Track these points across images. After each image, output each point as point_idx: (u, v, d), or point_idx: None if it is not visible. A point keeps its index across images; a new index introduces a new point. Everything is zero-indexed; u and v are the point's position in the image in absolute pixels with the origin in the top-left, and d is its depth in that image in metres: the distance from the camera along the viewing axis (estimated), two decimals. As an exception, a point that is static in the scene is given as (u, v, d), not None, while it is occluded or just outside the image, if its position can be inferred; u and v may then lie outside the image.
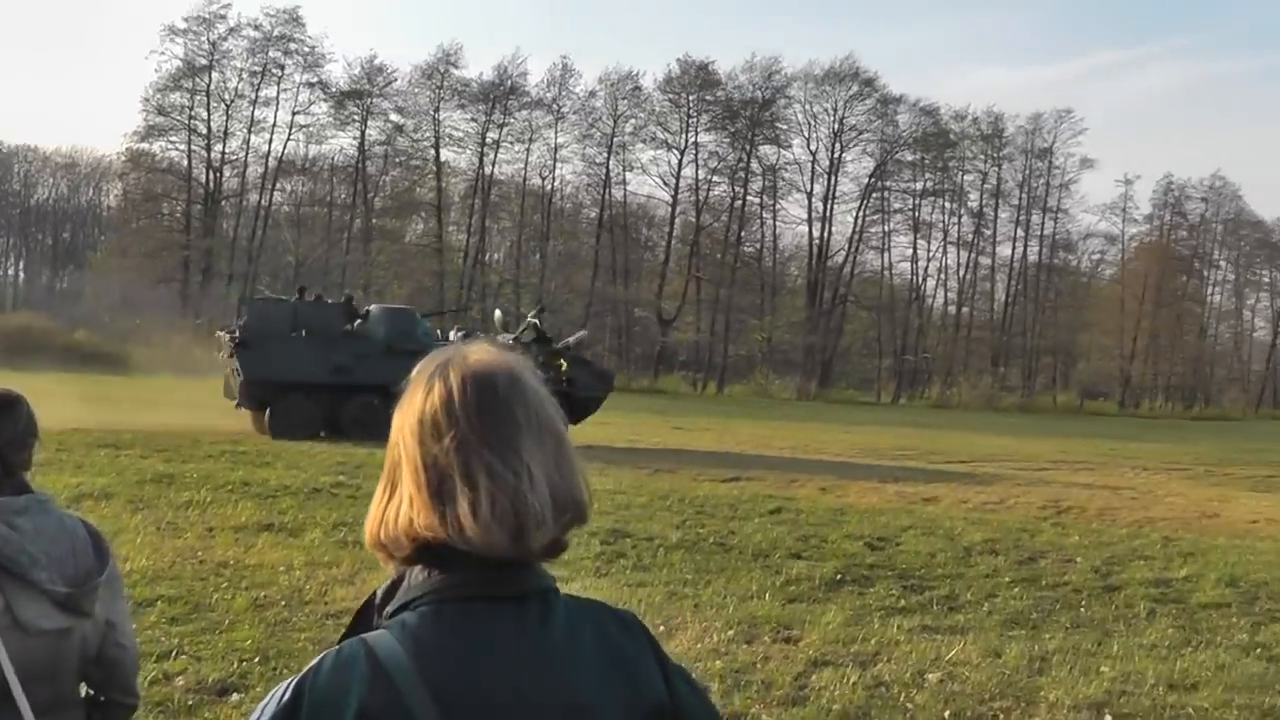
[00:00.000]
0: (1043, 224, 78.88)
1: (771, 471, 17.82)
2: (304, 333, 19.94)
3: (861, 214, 71.21)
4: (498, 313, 26.11)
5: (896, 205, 73.61)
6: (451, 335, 21.71)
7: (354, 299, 23.21)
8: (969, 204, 76.64)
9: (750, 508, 13.22)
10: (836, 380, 68.89)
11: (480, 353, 1.45)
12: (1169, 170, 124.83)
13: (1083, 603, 8.96)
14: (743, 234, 69.30)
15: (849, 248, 70.97)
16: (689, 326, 65.32)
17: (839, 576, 9.45)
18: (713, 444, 23.88)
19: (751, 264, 69.62)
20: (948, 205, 75.65)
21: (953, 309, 77.44)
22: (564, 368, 21.08)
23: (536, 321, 22.64)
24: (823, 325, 67.51)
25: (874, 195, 71.96)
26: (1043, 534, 12.46)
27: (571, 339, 23.38)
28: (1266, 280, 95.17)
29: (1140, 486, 20.60)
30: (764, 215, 70.28)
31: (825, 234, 70.17)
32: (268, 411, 19.37)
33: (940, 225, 75.65)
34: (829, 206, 70.17)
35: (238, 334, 19.66)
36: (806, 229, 70.51)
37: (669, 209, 67.77)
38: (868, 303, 72.34)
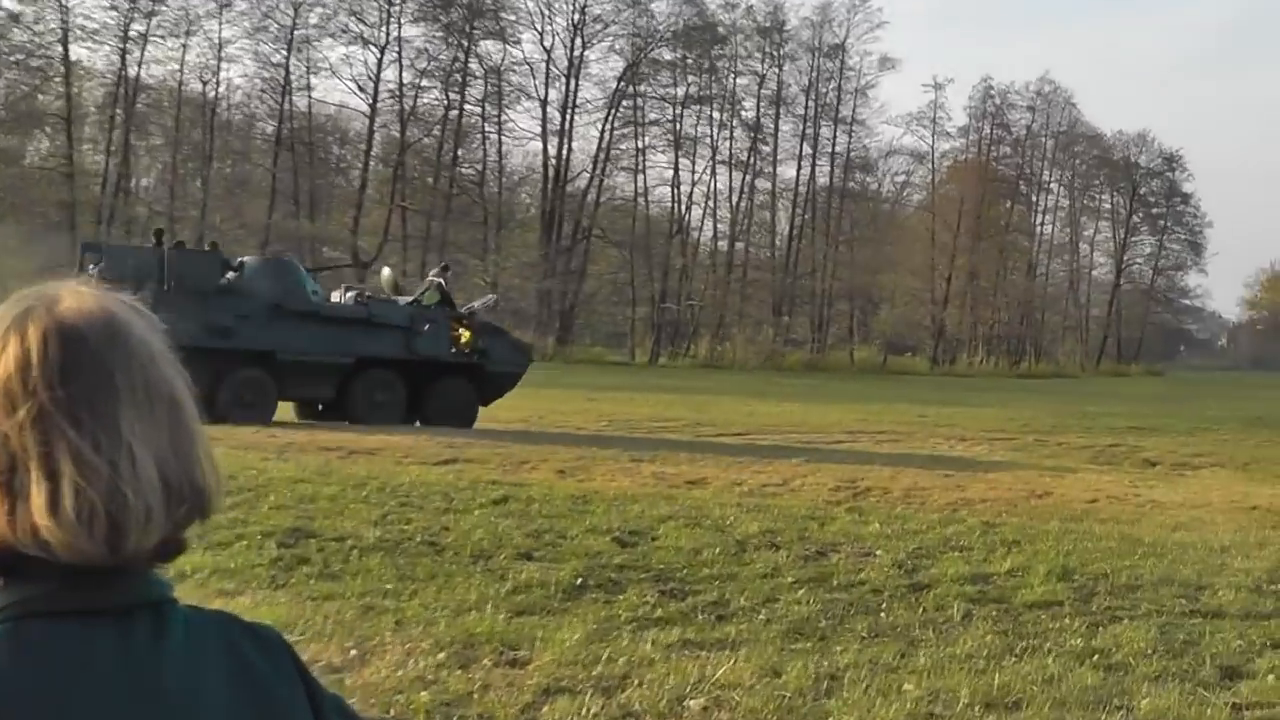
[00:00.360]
0: (834, 139, 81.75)
1: (496, 451, 17.76)
2: (170, 287, 20.52)
3: (609, 127, 71.85)
4: (386, 271, 27.23)
5: (653, 116, 74.56)
6: (336, 295, 23.54)
7: (219, 247, 24.36)
8: (743, 114, 78.37)
9: (469, 497, 13.14)
10: (579, 335, 69.78)
11: (73, 297, 1.42)
12: (988, 73, 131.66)
13: (883, 606, 9.28)
14: (460, 153, 69.02)
15: (593, 169, 71.58)
16: (393, 269, 64.91)
17: (580, 581, 9.48)
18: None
19: (471, 190, 69.45)
20: (716, 116, 77.08)
21: (724, 245, 79.29)
22: (465, 338, 22.83)
23: (441, 281, 24.21)
24: (561, 266, 67.97)
25: (624, 103, 72.69)
26: (835, 522, 12.86)
27: (478, 303, 24.73)
28: (1107, 206, 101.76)
29: (956, 461, 21.61)
30: (486, 129, 70.17)
31: (564, 152, 70.62)
32: None
33: (708, 141, 77.13)
34: (568, 118, 70.51)
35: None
36: (540, 146, 70.65)
37: (366, 121, 66.64)
38: (617, 237, 73.24)
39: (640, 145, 73.49)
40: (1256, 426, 35.37)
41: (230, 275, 21.95)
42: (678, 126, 74.53)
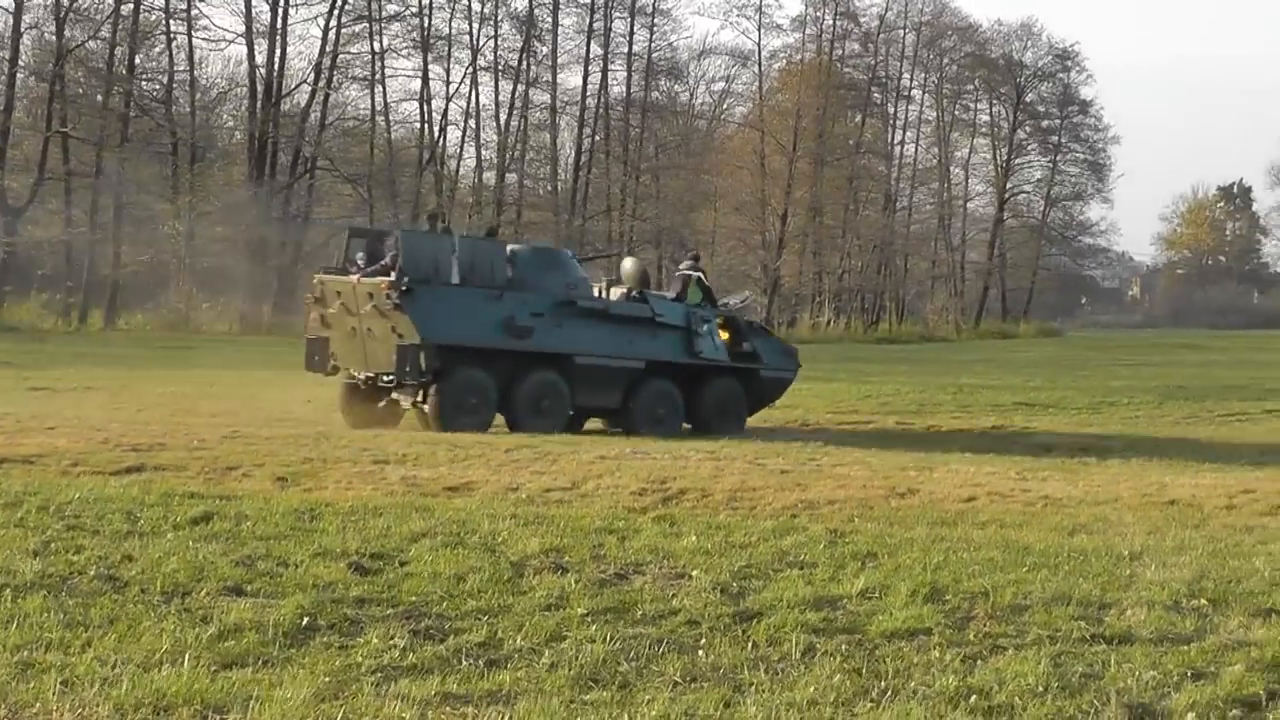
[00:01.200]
0: (630, 35, 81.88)
1: (195, 455, 17.56)
2: (462, 280, 25.04)
3: (334, 23, 70.91)
4: (629, 262, 30.41)
5: (392, 8, 73.74)
6: (597, 291, 27.51)
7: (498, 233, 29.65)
8: (511, 4, 77.77)
9: (159, 516, 12.97)
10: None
11: None
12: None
13: (701, 642, 9.38)
14: (138, 60, 67.44)
15: (316, 80, 70.66)
16: (53, 217, 63.28)
17: (306, 621, 9.43)
18: (100, 412, 23.62)
19: (155, 110, 67.98)
20: (477, 7, 76.43)
21: (491, 177, 78.97)
22: (726, 338, 27.36)
23: (700, 275, 28.64)
24: (278, 209, 66.95)
25: (354, -8, 71.70)
26: (639, 536, 12.96)
27: (735, 300, 29.74)
28: (985, 118, 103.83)
29: (795, 451, 21.94)
30: (173, 28, 68.66)
31: (276, 58, 69.43)
32: (432, 390, 24.49)
33: (466, 41, 76.51)
34: (280, 12, 69.32)
35: (403, 279, 23.91)
36: (245, 50, 69.42)
37: (9, 21, 64.76)
38: (351, 169, 72.52)
39: (377, 48, 72.76)
40: (1175, 399, 36.64)
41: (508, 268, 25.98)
42: (425, 22, 73.95)
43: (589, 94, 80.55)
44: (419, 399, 24.95)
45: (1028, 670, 8.71)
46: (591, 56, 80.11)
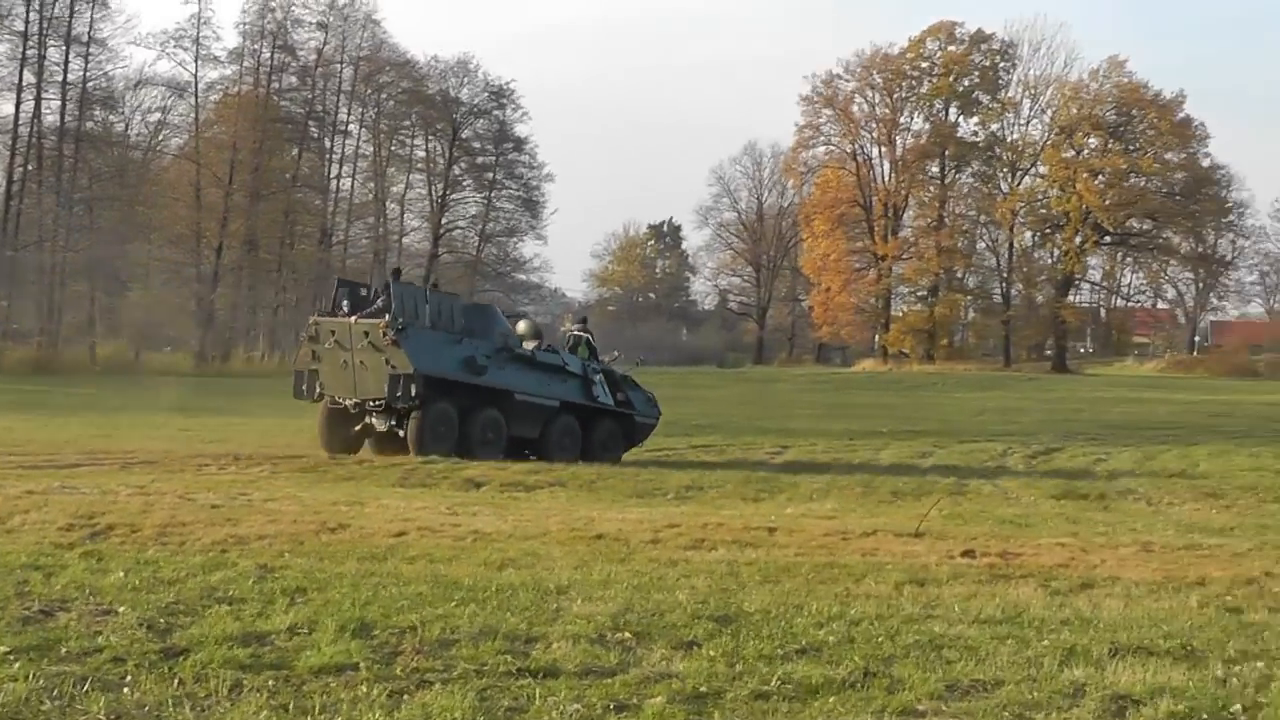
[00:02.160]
0: (65, 64, 79.48)
1: None
2: (431, 325, 29.88)
3: None
4: (523, 324, 34.64)
5: None
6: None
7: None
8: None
9: None
10: None
11: None
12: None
13: (127, 679, 9.22)
14: None
15: None
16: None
17: None
18: None
19: None
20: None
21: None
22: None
23: (589, 336, 34.54)
24: None
25: None
26: (65, 572, 12.68)
27: (606, 358, 35.25)
28: (421, 154, 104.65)
29: (227, 486, 21.76)
30: None
31: None
32: (413, 418, 29.37)
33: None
34: None
35: (398, 320, 28.80)
36: None
37: None
38: None
39: None
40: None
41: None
42: None
43: (21, 122, 77.99)
44: (394, 424, 29.89)
45: (454, 704, 8.82)
46: (24, 84, 77.60)
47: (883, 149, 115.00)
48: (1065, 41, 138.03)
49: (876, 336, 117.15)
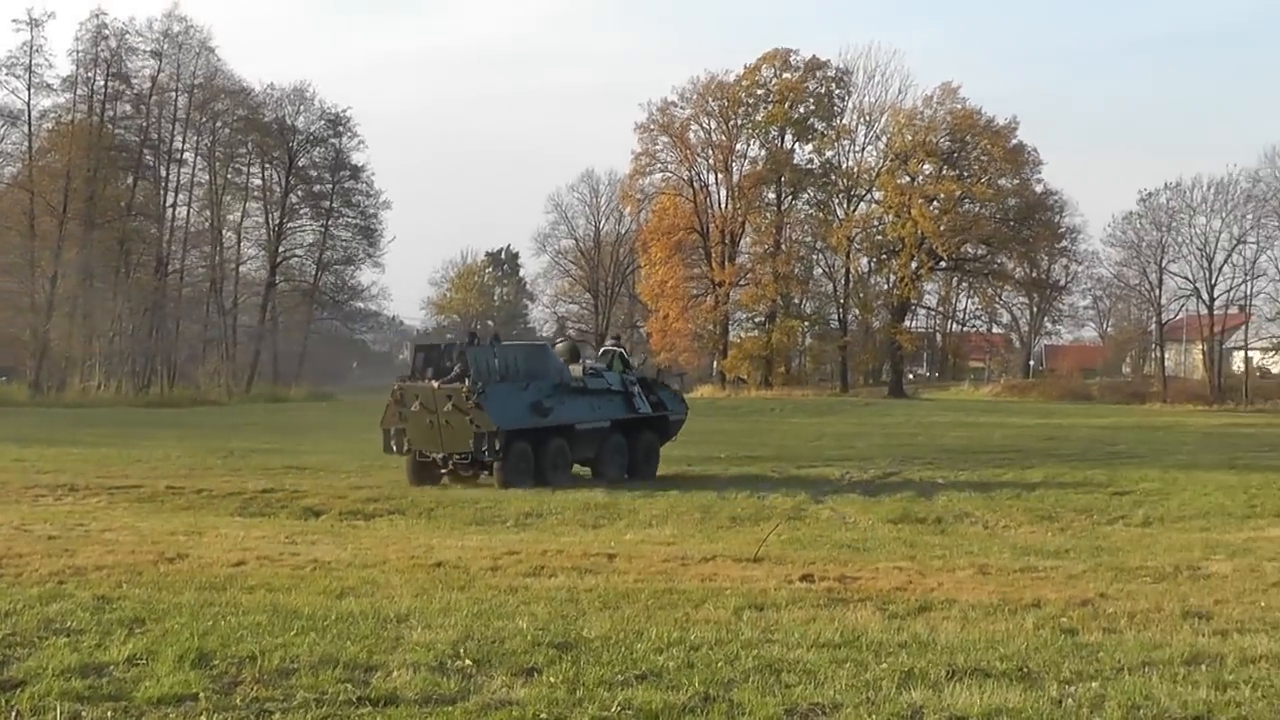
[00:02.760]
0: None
1: None
2: (502, 377, 32.90)
3: None
4: (562, 345, 37.97)
5: None
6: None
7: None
8: None
9: None
10: None
11: None
12: (101, 7, 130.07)
13: (-38, 714, 9.18)
14: None
15: None
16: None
17: None
18: None
19: None
20: None
21: None
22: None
23: (622, 350, 38.02)
24: None
25: None
26: (-103, 607, 12.54)
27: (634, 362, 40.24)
28: (258, 182, 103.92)
29: (63, 516, 21.50)
30: None
31: None
32: (498, 465, 32.11)
33: None
34: None
35: (478, 384, 31.81)
36: None
37: None
38: None
39: None
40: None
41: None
42: None
43: None
44: (484, 474, 32.92)
45: (295, 733, 8.82)
46: None
47: (719, 176, 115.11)
48: (900, 69, 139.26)
49: (714, 362, 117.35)
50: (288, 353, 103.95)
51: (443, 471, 33.08)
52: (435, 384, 32.64)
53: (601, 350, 39.19)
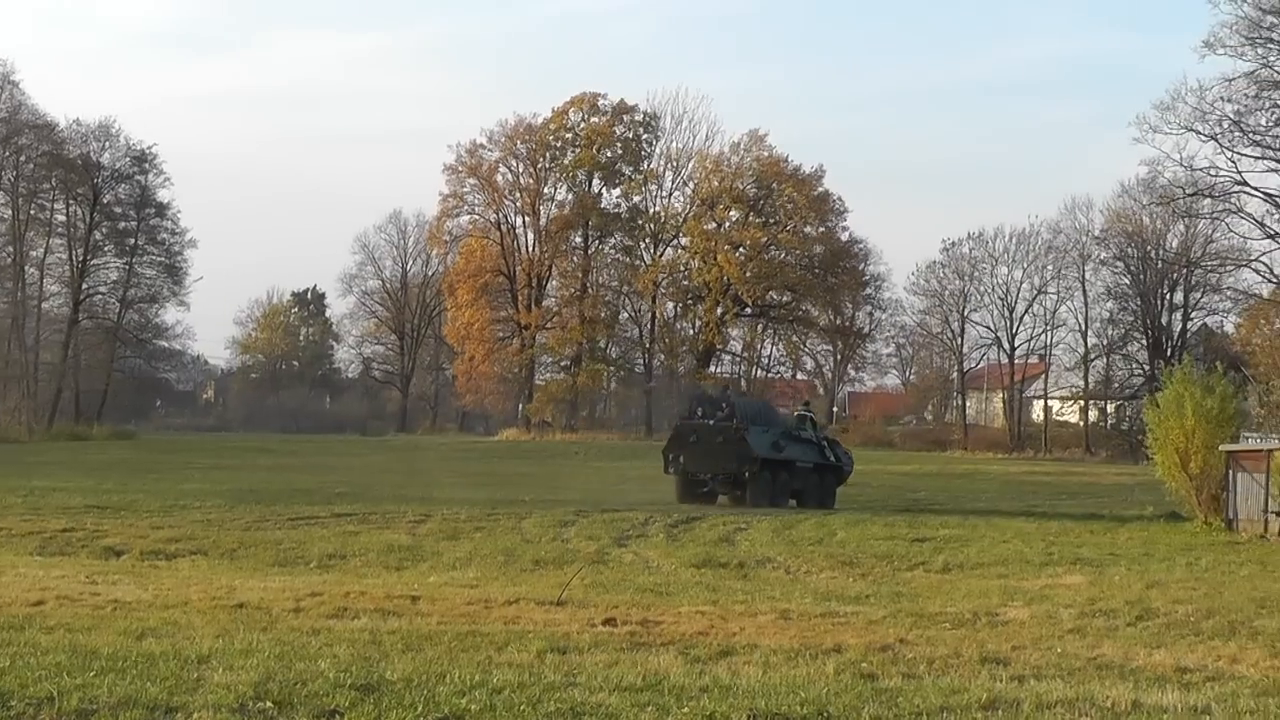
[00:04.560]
0: None
1: None
2: (750, 422, 44.91)
3: None
4: (798, 411, 52.19)
5: None
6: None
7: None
8: None
9: None
10: None
11: None
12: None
13: None
14: None
15: None
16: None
17: None
18: None
19: None
20: None
21: None
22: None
23: (811, 415, 50.35)
24: None
25: None
26: None
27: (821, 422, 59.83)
28: (61, 218, 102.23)
29: None
30: None
31: None
32: (749, 489, 43.56)
33: None
34: None
35: (744, 423, 44.33)
36: None
37: None
38: None
39: None
40: (248, 502, 37.24)
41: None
42: None
43: None
44: (736, 492, 43.91)
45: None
46: None
47: (527, 219, 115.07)
48: (707, 114, 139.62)
49: (520, 405, 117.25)
50: (90, 391, 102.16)
51: (704, 491, 44.09)
52: (710, 421, 44.37)
53: (797, 414, 50.42)
